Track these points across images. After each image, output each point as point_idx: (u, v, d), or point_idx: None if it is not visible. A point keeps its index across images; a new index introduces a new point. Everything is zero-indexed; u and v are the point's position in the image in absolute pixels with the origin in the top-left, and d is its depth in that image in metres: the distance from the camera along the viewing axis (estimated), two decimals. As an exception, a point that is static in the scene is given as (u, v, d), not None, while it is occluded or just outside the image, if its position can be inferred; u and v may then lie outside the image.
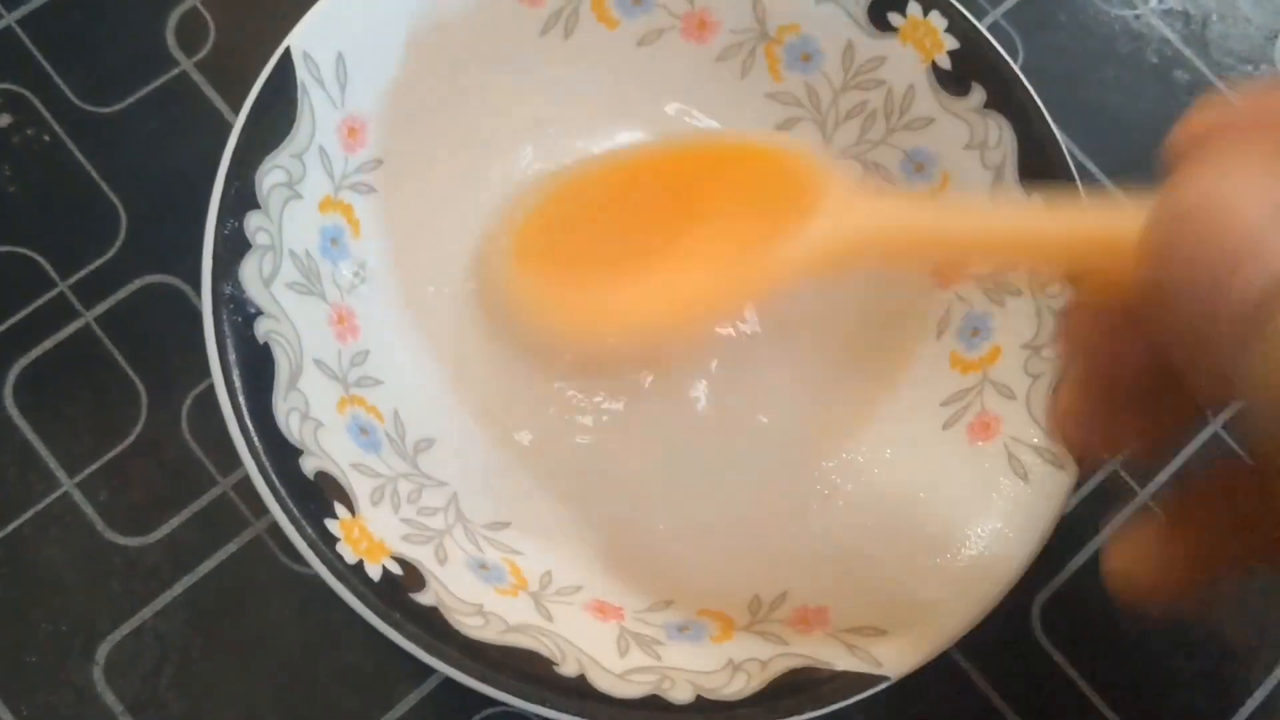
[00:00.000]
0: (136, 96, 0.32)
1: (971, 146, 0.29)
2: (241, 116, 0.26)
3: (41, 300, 0.30)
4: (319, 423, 0.25)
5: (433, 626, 0.24)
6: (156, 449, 0.29)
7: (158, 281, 0.30)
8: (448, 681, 0.24)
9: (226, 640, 0.28)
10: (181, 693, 0.27)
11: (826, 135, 0.31)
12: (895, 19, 0.29)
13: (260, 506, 0.24)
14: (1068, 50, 0.36)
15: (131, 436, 0.29)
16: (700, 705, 0.24)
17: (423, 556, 0.25)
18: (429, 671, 0.28)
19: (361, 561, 0.24)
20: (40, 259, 0.30)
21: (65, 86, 0.32)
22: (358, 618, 0.23)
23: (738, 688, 0.25)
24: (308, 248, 0.26)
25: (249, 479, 0.24)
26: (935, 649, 0.25)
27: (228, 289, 0.25)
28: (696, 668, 0.25)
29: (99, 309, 0.30)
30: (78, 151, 0.31)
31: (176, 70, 0.32)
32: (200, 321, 0.24)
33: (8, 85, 0.32)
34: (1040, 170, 0.28)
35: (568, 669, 0.24)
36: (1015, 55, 0.35)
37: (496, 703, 0.24)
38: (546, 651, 0.24)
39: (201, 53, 0.33)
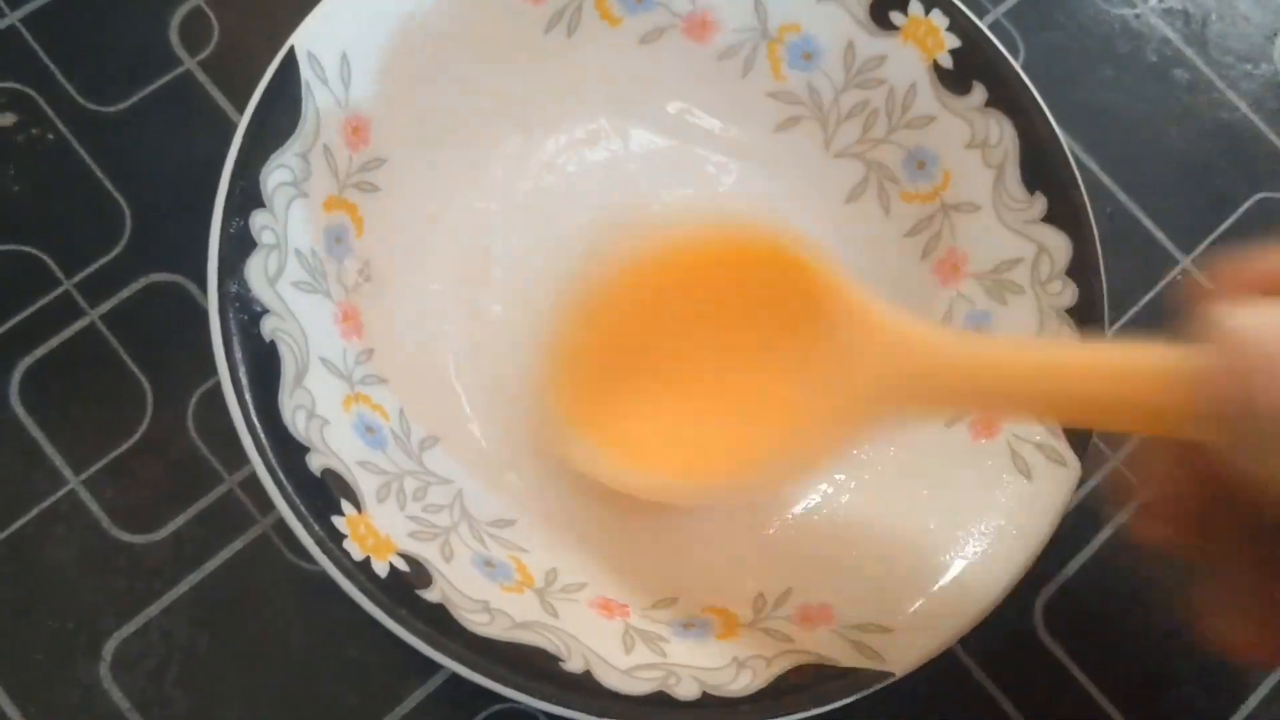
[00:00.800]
0: (141, 95, 0.32)
1: (973, 145, 0.29)
2: (246, 116, 0.26)
3: (47, 299, 0.30)
4: (325, 420, 0.25)
5: (439, 623, 0.24)
6: (162, 447, 0.29)
7: (163, 280, 0.30)
8: (454, 678, 0.24)
9: (232, 638, 0.28)
10: (187, 690, 0.27)
11: (828, 134, 0.31)
12: (897, 17, 0.29)
13: (266, 504, 0.24)
14: (1068, 49, 0.36)
15: (137, 434, 0.29)
16: (705, 701, 0.24)
17: (429, 553, 0.25)
18: (435, 668, 0.28)
19: (368, 558, 0.24)
20: (45, 258, 0.30)
21: (69, 85, 0.32)
22: (364, 615, 0.24)
23: (743, 684, 0.25)
24: (313, 246, 0.26)
25: (255, 477, 0.24)
26: (939, 646, 0.25)
27: (233, 287, 0.25)
28: (701, 664, 0.25)
29: (104, 307, 0.30)
30: (82, 150, 0.31)
31: (181, 69, 0.32)
32: (206, 320, 0.24)
33: (12, 84, 0.32)
34: (1041, 168, 0.28)
35: (573, 665, 0.24)
36: (1016, 54, 0.35)
37: (502, 699, 0.24)
38: (552, 648, 0.24)
39: (205, 52, 0.33)
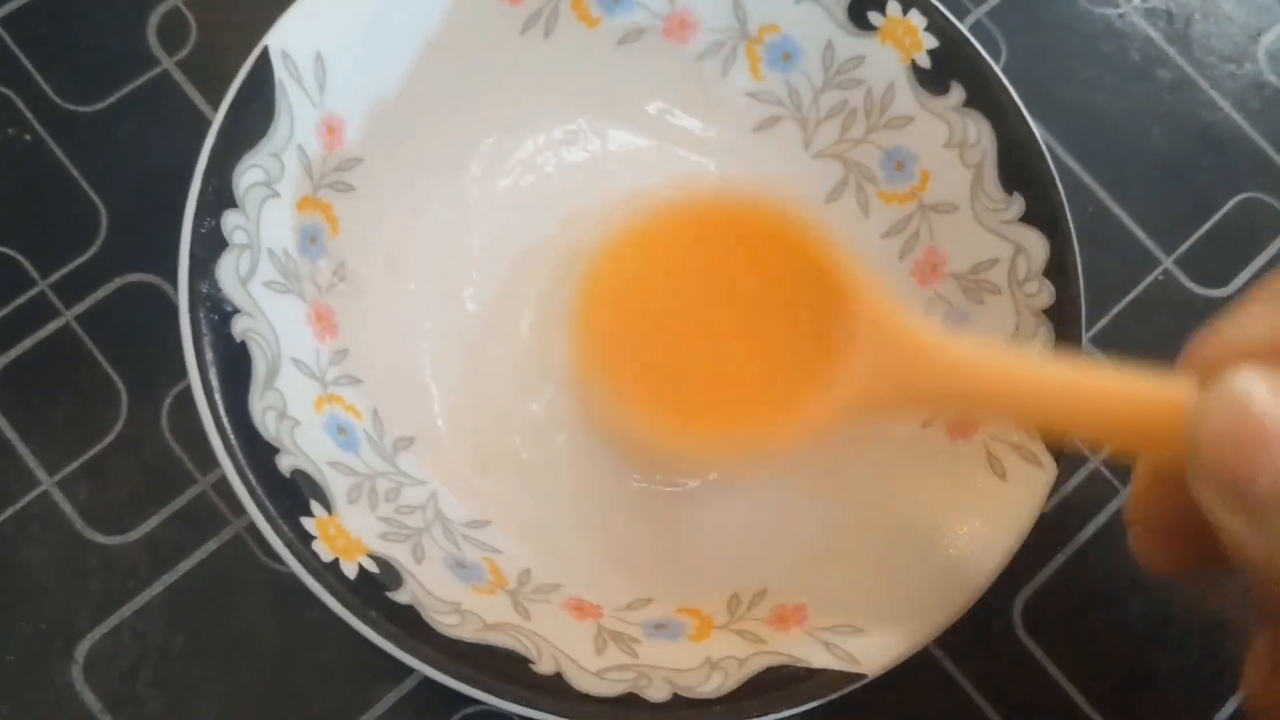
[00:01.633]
0: (118, 96, 0.32)
1: (951, 145, 0.29)
2: (219, 116, 0.26)
3: (22, 299, 0.30)
4: (296, 421, 0.25)
5: (409, 625, 0.24)
6: (136, 448, 0.29)
7: (138, 280, 0.30)
8: (427, 680, 0.24)
9: (206, 639, 0.28)
10: (160, 691, 0.27)
11: (807, 134, 0.31)
12: (875, 18, 0.29)
13: (239, 505, 0.24)
14: (1050, 49, 0.36)
15: (111, 435, 0.29)
16: (677, 703, 0.24)
17: (400, 555, 0.25)
18: (408, 671, 0.27)
19: (337, 560, 0.24)
20: (20, 258, 0.30)
21: (46, 85, 0.32)
22: (337, 617, 0.23)
23: (715, 686, 0.24)
24: (286, 246, 0.26)
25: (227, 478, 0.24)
26: (912, 647, 0.25)
27: (205, 287, 0.25)
28: (674, 665, 0.25)
29: (79, 308, 0.30)
30: (59, 150, 0.31)
31: (158, 69, 0.32)
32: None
33: (-11, 84, 0.32)
34: (1019, 168, 0.28)
35: (544, 667, 0.24)
36: (998, 54, 0.35)
37: (475, 701, 0.24)
38: (523, 650, 0.24)
39: (183, 52, 0.32)
